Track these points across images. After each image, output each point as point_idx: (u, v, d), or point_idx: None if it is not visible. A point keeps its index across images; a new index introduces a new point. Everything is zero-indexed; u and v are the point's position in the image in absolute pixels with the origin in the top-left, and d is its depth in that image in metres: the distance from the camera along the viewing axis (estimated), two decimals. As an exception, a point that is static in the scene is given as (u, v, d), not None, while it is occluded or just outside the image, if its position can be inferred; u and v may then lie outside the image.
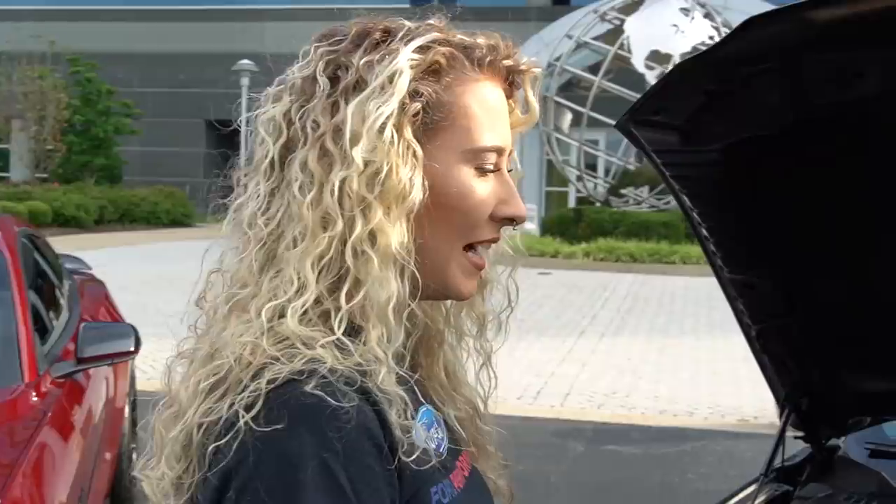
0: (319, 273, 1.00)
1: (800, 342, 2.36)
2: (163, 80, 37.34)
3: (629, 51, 21.62)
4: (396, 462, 0.97)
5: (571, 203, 26.85)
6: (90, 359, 3.54)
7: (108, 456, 4.22)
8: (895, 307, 2.24)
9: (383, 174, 1.01)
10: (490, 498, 1.18)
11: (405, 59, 1.02)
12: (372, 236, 1.00)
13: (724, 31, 21.80)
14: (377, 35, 1.06)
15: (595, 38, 22.99)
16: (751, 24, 1.50)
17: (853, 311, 2.29)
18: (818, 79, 1.59)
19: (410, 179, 1.01)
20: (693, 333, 11.73)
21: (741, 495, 2.48)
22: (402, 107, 1.02)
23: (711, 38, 21.64)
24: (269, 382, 0.94)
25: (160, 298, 12.89)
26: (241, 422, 0.93)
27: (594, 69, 22.64)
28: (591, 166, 25.13)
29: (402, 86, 1.02)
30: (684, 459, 6.51)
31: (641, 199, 24.51)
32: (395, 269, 1.01)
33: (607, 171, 25.26)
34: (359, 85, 1.03)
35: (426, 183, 1.03)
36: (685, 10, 21.76)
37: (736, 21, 22.43)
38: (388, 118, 1.01)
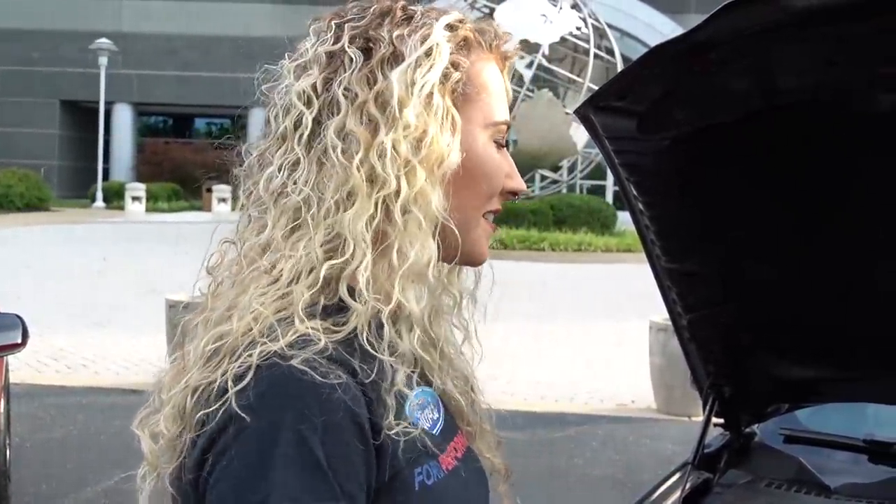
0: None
1: (728, 331, 2.38)
2: (14, 57, 35.78)
3: (498, 39, 21.79)
4: (378, 441, 0.98)
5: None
6: (-26, 352, 3.31)
7: (-16, 454, 3.97)
8: (817, 297, 2.27)
9: (428, 138, 1.05)
10: (482, 480, 1.17)
11: (440, 33, 1.08)
12: (416, 198, 1.04)
13: (592, 21, 22.24)
14: (399, 13, 1.10)
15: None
16: (726, 9, 1.48)
17: (779, 301, 2.32)
18: (788, 66, 1.58)
19: (449, 145, 1.06)
20: (566, 319, 11.92)
21: (669, 482, 2.49)
22: (444, 76, 1.07)
23: (578, 28, 22.05)
24: (259, 355, 0.96)
25: (18, 285, 12.35)
26: (231, 392, 0.95)
27: (464, 57, 22.74)
28: (460, 154, 25.23)
29: (444, 56, 1.07)
30: (569, 444, 6.59)
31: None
32: (435, 231, 1.06)
33: (475, 159, 25.41)
34: (395, 56, 1.06)
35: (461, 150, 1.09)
36: (553, 1, 22.07)
37: (602, 13, 22.86)
38: (434, 86, 1.06)
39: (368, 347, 1.02)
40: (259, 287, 1.03)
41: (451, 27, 1.09)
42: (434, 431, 1.07)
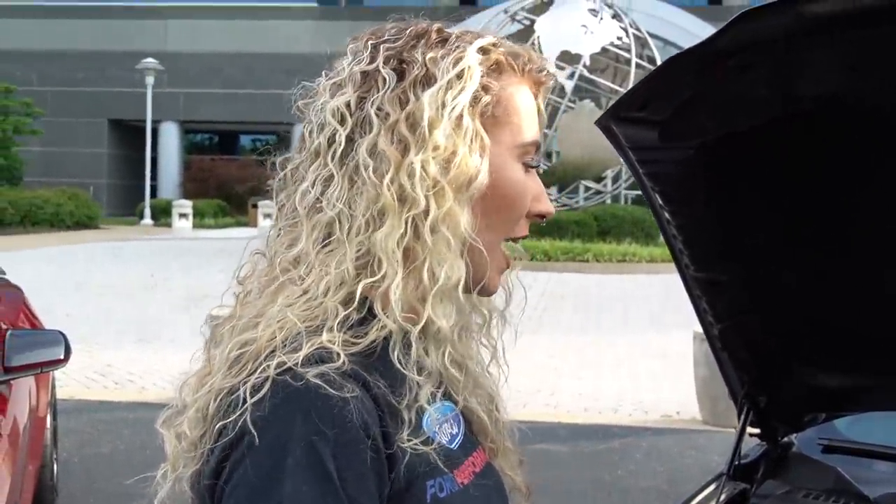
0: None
1: (760, 340, 2.36)
2: (62, 78, 36.43)
3: (540, 51, 21.74)
4: (391, 451, 1.00)
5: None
6: (18, 368, 3.38)
7: (30, 468, 4.05)
8: (851, 303, 2.25)
9: (457, 159, 1.07)
10: (501, 496, 1.18)
11: (473, 56, 1.10)
12: (444, 218, 1.06)
13: (633, 31, 22.16)
14: (434, 35, 1.12)
15: (506, 38, 23.07)
16: (744, 17, 1.48)
17: (810, 309, 2.30)
18: (807, 73, 1.58)
19: (478, 166, 1.08)
20: (610, 331, 11.87)
21: (704, 493, 2.47)
22: (474, 99, 1.09)
23: (619, 38, 21.97)
24: (277, 366, 0.99)
25: (67, 303, 12.55)
26: (248, 403, 0.98)
27: (505, 69, 22.71)
28: (503, 166, 25.19)
29: (475, 79, 1.09)
30: (613, 457, 6.56)
31: (552, 199, 24.75)
32: (463, 252, 1.08)
33: (518, 171, 25.40)
34: (427, 78, 1.08)
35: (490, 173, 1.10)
36: (594, 11, 22.02)
37: (642, 22, 22.72)
38: (464, 108, 1.08)
39: (397, 364, 1.05)
40: (288, 298, 1.05)
41: (483, 50, 1.11)
42: (452, 446, 1.10)
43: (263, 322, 1.04)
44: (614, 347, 10.69)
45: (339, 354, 1.00)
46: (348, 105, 1.09)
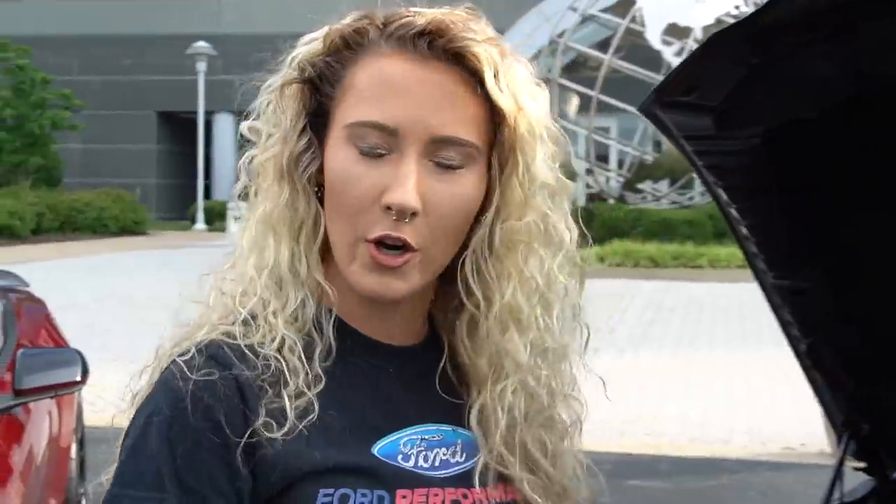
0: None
1: (858, 358, 2.34)
2: (106, 66, 37.19)
3: (642, 24, 21.64)
4: (251, 440, 1.11)
5: (581, 200, 26.85)
6: (30, 391, 3.50)
7: (52, 503, 4.18)
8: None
9: (264, 143, 1.21)
10: None
11: (307, 41, 1.21)
12: (256, 203, 1.21)
13: (753, -1, 21.85)
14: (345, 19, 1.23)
15: (603, 11, 23.00)
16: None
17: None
18: (875, 48, 1.57)
19: (272, 145, 1.19)
20: (725, 347, 11.75)
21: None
22: (284, 83, 1.20)
23: (737, 7, 21.63)
24: (173, 353, 1.16)
25: (108, 318, 12.87)
26: (148, 385, 1.17)
27: (603, 46, 22.66)
28: (602, 157, 25.15)
29: (290, 64, 1.20)
30: (721, 495, 6.50)
31: (661, 195, 24.55)
32: (277, 237, 1.18)
33: (621, 163, 25.32)
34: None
35: (309, 154, 1.19)
36: (707, -24, 21.75)
37: (766, -13, 22.19)
38: (271, 93, 1.21)
39: (250, 354, 1.15)
40: (223, 293, 1.23)
41: (333, 30, 1.19)
42: (425, 470, 1.18)
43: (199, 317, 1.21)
44: (729, 366, 10.57)
45: (221, 344, 1.14)
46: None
